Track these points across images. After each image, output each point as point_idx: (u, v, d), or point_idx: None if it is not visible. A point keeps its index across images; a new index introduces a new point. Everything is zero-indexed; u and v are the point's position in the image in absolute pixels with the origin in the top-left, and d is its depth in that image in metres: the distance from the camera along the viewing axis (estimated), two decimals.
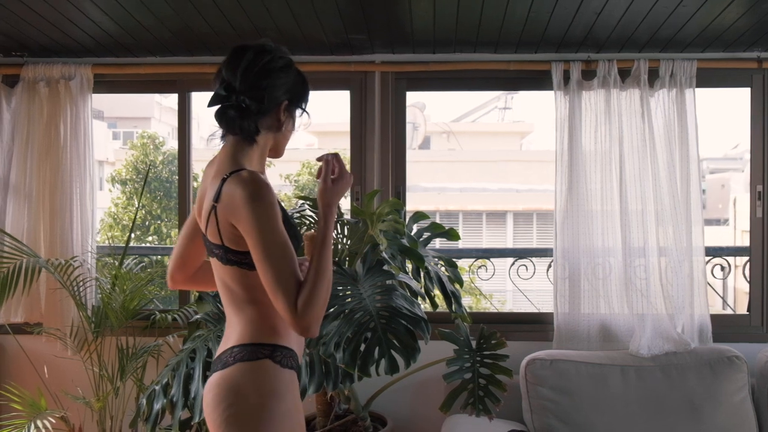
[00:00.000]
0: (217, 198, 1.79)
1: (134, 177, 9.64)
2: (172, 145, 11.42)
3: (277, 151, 1.99)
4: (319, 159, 1.90)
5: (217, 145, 1.93)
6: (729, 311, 6.44)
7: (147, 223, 9.44)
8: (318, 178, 1.89)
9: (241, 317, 1.83)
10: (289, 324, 1.69)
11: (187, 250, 2.02)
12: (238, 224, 1.75)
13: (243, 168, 1.82)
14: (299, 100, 1.96)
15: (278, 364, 1.78)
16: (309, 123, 2.05)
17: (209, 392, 1.78)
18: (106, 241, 8.20)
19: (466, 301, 8.19)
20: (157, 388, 2.76)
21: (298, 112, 1.99)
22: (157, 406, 2.71)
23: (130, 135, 17.82)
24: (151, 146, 10.00)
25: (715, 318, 3.39)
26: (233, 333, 1.82)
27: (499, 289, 9.54)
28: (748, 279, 3.55)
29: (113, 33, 3.19)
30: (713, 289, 3.82)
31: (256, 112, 1.84)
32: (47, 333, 3.39)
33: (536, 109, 29.73)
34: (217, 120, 1.86)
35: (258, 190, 1.74)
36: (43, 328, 3.41)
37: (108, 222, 9.23)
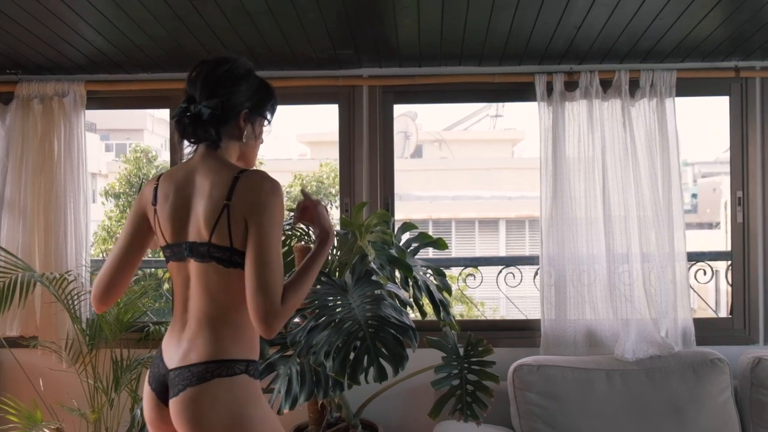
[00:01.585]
0: (230, 196, 1.85)
1: (127, 190, 9.70)
2: (165, 157, 11.47)
3: (246, 161, 2.05)
4: (299, 206, 2.08)
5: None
6: (721, 314, 6.52)
7: None
8: (298, 218, 2.07)
9: (219, 331, 1.87)
10: (261, 320, 1.77)
11: (125, 270, 2.03)
12: (251, 216, 1.82)
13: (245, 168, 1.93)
14: (261, 108, 2.02)
15: (252, 377, 1.88)
16: (270, 131, 2.12)
17: (188, 407, 1.82)
18: (100, 255, 8.25)
19: (458, 309, 8.25)
20: None
21: (265, 122, 2.06)
22: None
23: (122, 147, 17.88)
24: (144, 160, 10.07)
25: (698, 321, 3.47)
26: (206, 345, 1.86)
27: (491, 296, 9.61)
28: (730, 283, 3.63)
29: (106, 51, 3.25)
30: (696, 293, 3.89)
31: (211, 120, 1.90)
32: (42, 346, 3.44)
33: (527, 117, 29.97)
34: (175, 128, 1.96)
35: (277, 187, 1.87)
36: (38, 342, 3.46)
37: (101, 235, 9.27)
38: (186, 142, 1.98)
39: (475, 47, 3.26)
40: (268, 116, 2.07)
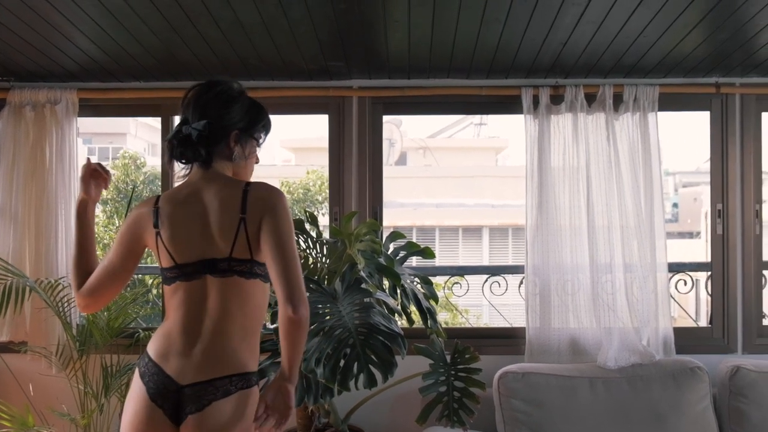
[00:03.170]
0: (244, 209, 1.91)
1: (115, 197, 9.68)
2: (152, 162, 11.44)
3: (239, 179, 2.09)
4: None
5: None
6: (701, 324, 6.62)
7: None
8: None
9: (237, 344, 1.93)
10: (291, 302, 1.85)
11: (115, 285, 2.08)
12: (267, 223, 1.90)
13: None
14: (251, 129, 2.07)
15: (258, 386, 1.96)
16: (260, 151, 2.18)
17: (213, 420, 1.88)
18: None
19: (443, 317, 8.30)
20: None
21: (256, 143, 2.12)
22: None
23: (105, 151, 17.77)
24: (133, 166, 10.06)
25: (678, 330, 3.55)
26: (228, 360, 1.92)
27: (475, 304, 9.66)
28: (710, 293, 3.71)
29: (99, 59, 3.29)
30: (677, 303, 3.97)
31: (200, 141, 1.96)
32: (33, 351, 3.45)
33: (511, 125, 30.09)
34: (166, 148, 2.03)
35: (283, 194, 1.97)
36: (28, 347, 3.47)
37: None
38: (177, 163, 2.04)
39: (464, 61, 3.33)
40: (260, 137, 2.12)
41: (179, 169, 2.07)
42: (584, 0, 2.58)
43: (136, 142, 18.25)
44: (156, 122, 18.35)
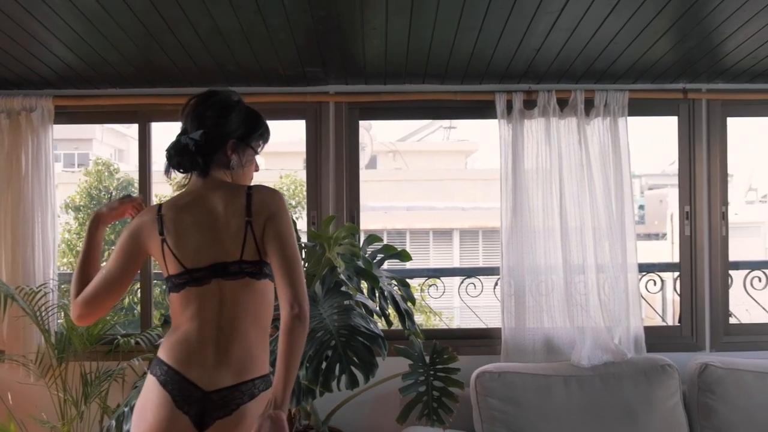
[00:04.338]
0: (249, 213, 1.95)
1: (88, 203, 9.57)
2: (123, 168, 11.33)
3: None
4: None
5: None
6: (668, 322, 6.76)
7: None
8: None
9: (256, 346, 1.97)
10: (302, 302, 1.89)
11: (114, 295, 2.08)
12: (271, 226, 1.95)
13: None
14: (247, 138, 2.10)
15: None
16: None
17: (240, 424, 1.90)
18: (61, 268, 8.14)
19: (417, 319, 8.36)
20: (126, 409, 2.86)
21: (254, 152, 2.14)
22: (126, 427, 2.81)
23: (71, 157, 17.56)
24: (106, 173, 9.97)
25: (648, 329, 3.64)
26: (250, 363, 1.95)
27: (447, 306, 9.73)
28: (679, 292, 3.81)
29: (75, 66, 3.28)
30: (647, 302, 4.07)
31: (197, 150, 2.00)
32: (11, 360, 3.44)
33: (480, 129, 30.27)
34: (165, 157, 2.06)
35: (283, 196, 2.02)
36: (6, 356, 3.45)
37: (62, 248, 9.13)
38: (175, 171, 2.07)
39: (439, 66, 3.39)
40: (257, 146, 2.15)
41: (181, 178, 2.09)
42: (557, 8, 2.65)
43: (103, 147, 18.05)
44: (123, 128, 18.05)
